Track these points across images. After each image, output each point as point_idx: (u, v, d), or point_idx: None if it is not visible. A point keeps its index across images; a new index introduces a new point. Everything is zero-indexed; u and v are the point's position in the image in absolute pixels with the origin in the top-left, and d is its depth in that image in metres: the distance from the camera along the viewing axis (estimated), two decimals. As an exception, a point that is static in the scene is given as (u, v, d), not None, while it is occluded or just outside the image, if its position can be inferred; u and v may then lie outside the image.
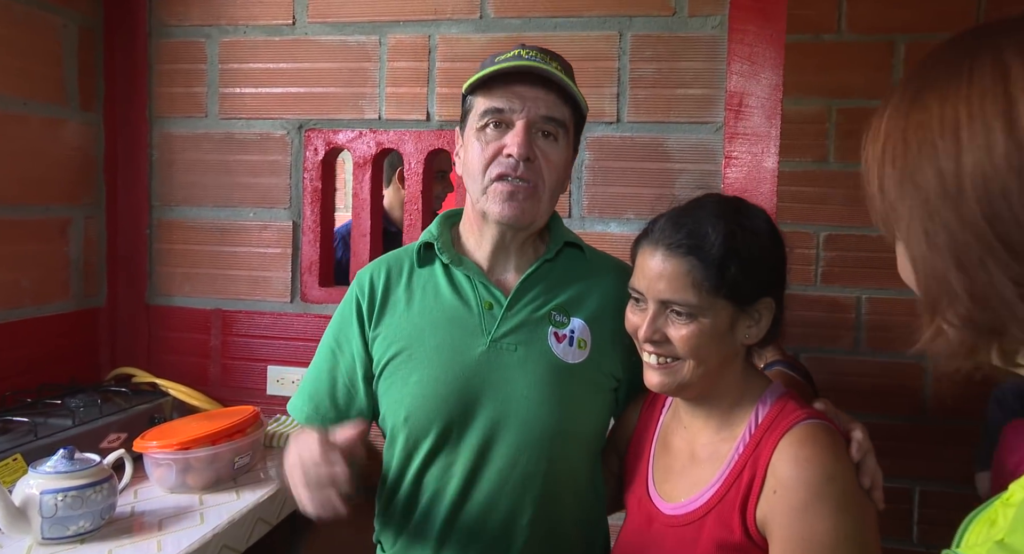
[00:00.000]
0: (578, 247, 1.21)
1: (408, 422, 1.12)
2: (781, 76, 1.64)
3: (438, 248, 1.16)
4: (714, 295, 0.94)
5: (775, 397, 0.99)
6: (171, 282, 1.97)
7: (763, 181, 1.65)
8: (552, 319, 1.13)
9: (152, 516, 1.36)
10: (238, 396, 1.91)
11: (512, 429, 1.09)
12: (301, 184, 1.89)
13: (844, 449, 0.93)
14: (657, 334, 0.97)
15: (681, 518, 0.99)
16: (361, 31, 1.84)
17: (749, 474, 0.93)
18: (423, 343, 1.13)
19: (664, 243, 0.97)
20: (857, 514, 0.89)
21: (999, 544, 0.52)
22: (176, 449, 1.44)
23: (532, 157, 1.08)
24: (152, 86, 1.95)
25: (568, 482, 1.13)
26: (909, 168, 0.55)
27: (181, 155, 1.95)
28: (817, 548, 0.86)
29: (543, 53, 1.12)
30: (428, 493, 1.13)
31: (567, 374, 1.11)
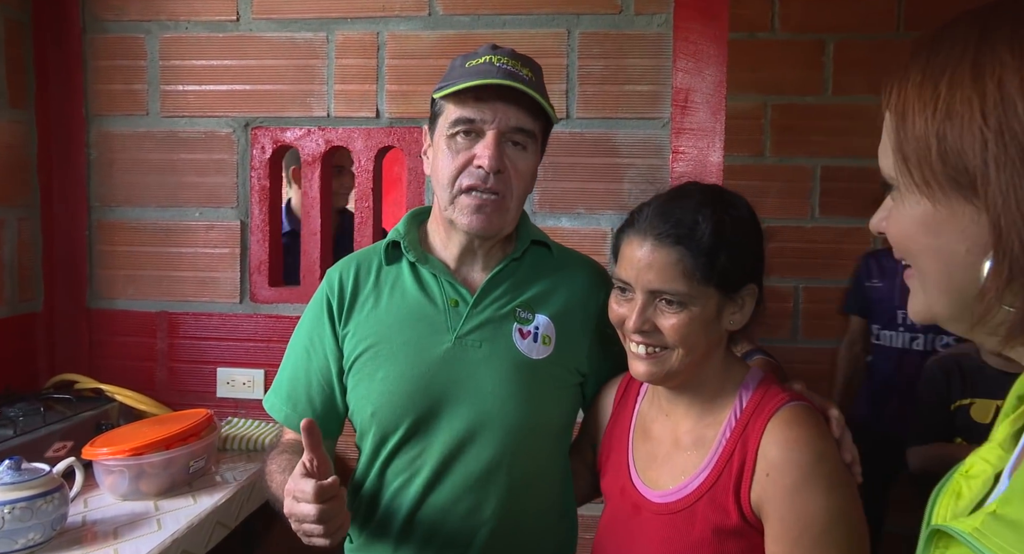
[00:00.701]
0: (545, 245, 1.22)
1: (375, 417, 1.14)
2: (724, 73, 1.70)
3: (404, 246, 1.17)
4: (704, 284, 0.95)
5: (757, 382, 1.01)
6: (113, 285, 1.91)
7: (709, 175, 1.71)
8: (517, 316, 1.15)
9: (106, 525, 1.33)
10: (187, 400, 1.86)
11: (477, 424, 1.11)
12: (248, 183, 1.86)
13: (826, 428, 0.96)
14: (647, 324, 0.97)
15: (672, 505, 0.99)
16: (308, 28, 1.82)
17: (739, 458, 0.94)
18: (390, 340, 1.14)
19: (653, 233, 0.97)
20: (846, 490, 0.92)
21: (992, 516, 0.53)
22: (129, 455, 1.40)
23: (502, 169, 1.08)
24: (88, 83, 1.89)
25: (533, 476, 1.15)
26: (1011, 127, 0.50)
27: (121, 154, 1.89)
28: (814, 525, 0.89)
29: (514, 59, 1.11)
30: (395, 485, 1.15)
31: (531, 370, 1.13)
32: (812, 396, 1.02)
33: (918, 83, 0.56)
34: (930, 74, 0.55)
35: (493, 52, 1.11)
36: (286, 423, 1.21)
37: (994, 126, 0.51)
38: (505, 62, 1.09)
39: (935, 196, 0.55)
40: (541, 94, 1.10)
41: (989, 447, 0.66)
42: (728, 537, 0.94)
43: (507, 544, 1.14)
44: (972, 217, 0.53)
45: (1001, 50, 0.52)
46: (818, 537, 0.89)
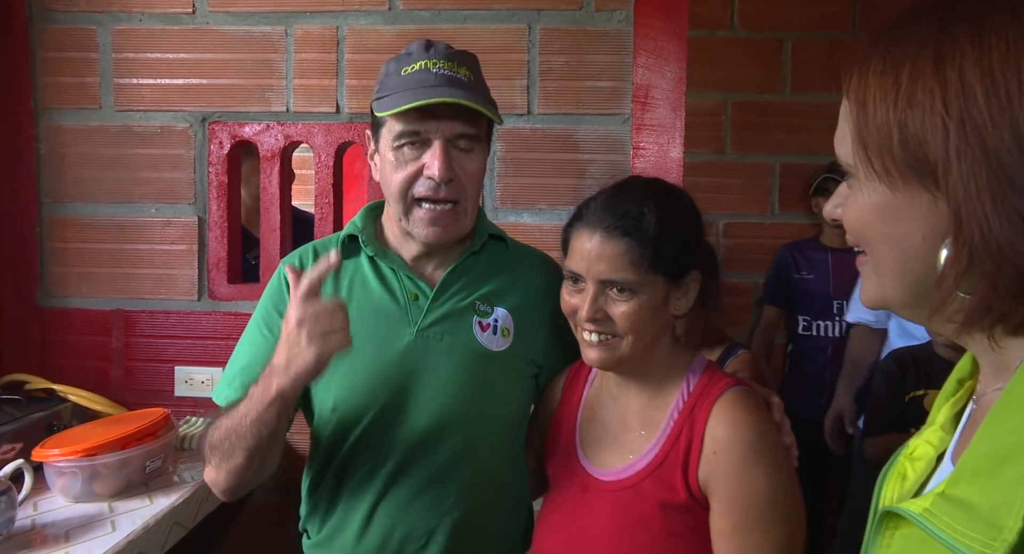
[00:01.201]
0: (501, 240, 1.24)
1: (336, 411, 1.13)
2: (684, 69, 1.71)
3: (362, 241, 1.17)
4: (651, 272, 0.99)
5: (703, 367, 1.07)
6: (66, 283, 1.86)
7: (670, 171, 1.72)
8: (476, 309, 1.16)
9: (56, 528, 1.29)
10: (144, 399, 1.82)
11: (439, 415, 1.12)
12: (206, 178, 1.83)
13: (767, 412, 1.02)
14: (599, 313, 1.01)
15: (620, 483, 1.03)
16: (266, 21, 1.80)
17: (687, 438, 0.99)
18: (352, 334, 1.12)
19: (601, 226, 1.00)
20: (787, 469, 0.98)
21: (942, 496, 0.55)
22: (81, 456, 1.37)
23: (453, 177, 1.09)
24: (36, 75, 1.84)
25: (492, 465, 1.17)
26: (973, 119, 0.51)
27: (73, 149, 1.84)
28: (759, 501, 0.95)
29: (450, 60, 1.10)
30: (356, 479, 1.15)
31: (491, 361, 1.14)
32: (754, 384, 1.08)
33: (879, 72, 0.56)
34: (891, 63, 0.56)
35: (427, 54, 1.10)
36: None
37: (956, 116, 0.52)
38: (442, 66, 1.08)
39: (894, 184, 0.56)
40: (481, 93, 1.10)
41: (932, 430, 0.68)
42: (675, 512, 0.99)
43: (468, 534, 1.15)
44: (930, 205, 0.54)
45: (962, 41, 0.52)
46: (763, 512, 0.95)
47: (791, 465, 1.00)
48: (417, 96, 1.05)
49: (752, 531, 0.95)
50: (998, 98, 0.50)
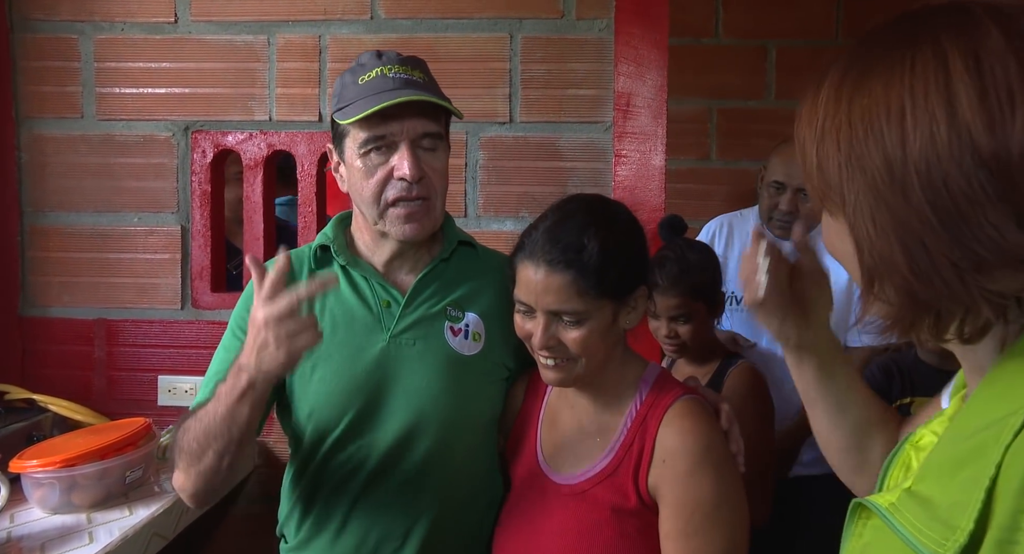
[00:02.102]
0: (471, 245, 1.26)
1: (312, 417, 1.15)
2: (665, 77, 1.72)
3: (334, 250, 1.19)
4: (598, 298, 1.03)
5: (655, 376, 1.11)
6: (47, 292, 1.85)
7: (652, 178, 1.73)
8: (448, 314, 1.18)
9: (32, 540, 1.29)
10: (127, 409, 1.81)
11: (414, 420, 1.14)
12: (189, 187, 1.83)
13: (716, 421, 1.07)
14: (552, 340, 1.04)
15: (575, 487, 1.07)
16: (248, 31, 1.80)
17: (638, 446, 1.04)
18: (325, 342, 1.12)
19: (545, 259, 1.02)
20: (731, 476, 1.03)
21: (907, 492, 0.57)
22: (60, 466, 1.36)
23: (423, 175, 1.11)
24: (17, 84, 1.83)
25: (466, 467, 1.18)
26: (856, 152, 0.56)
27: (54, 158, 1.84)
28: (703, 506, 0.99)
29: (403, 64, 1.13)
30: (332, 483, 1.16)
31: (463, 365, 1.17)
32: (706, 391, 1.13)
33: (810, 104, 0.62)
34: (815, 97, 0.61)
35: (380, 62, 1.13)
36: None
37: (844, 150, 0.57)
38: (397, 70, 1.11)
39: (829, 208, 0.62)
40: (437, 92, 1.13)
41: (939, 420, 0.69)
42: (626, 517, 1.03)
43: (442, 535, 1.16)
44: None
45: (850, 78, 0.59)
46: (706, 516, 0.99)
47: (735, 471, 1.04)
48: (380, 100, 1.07)
49: (696, 534, 0.99)
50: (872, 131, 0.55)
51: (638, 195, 1.74)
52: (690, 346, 1.64)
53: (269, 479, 1.80)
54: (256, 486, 1.80)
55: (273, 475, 1.80)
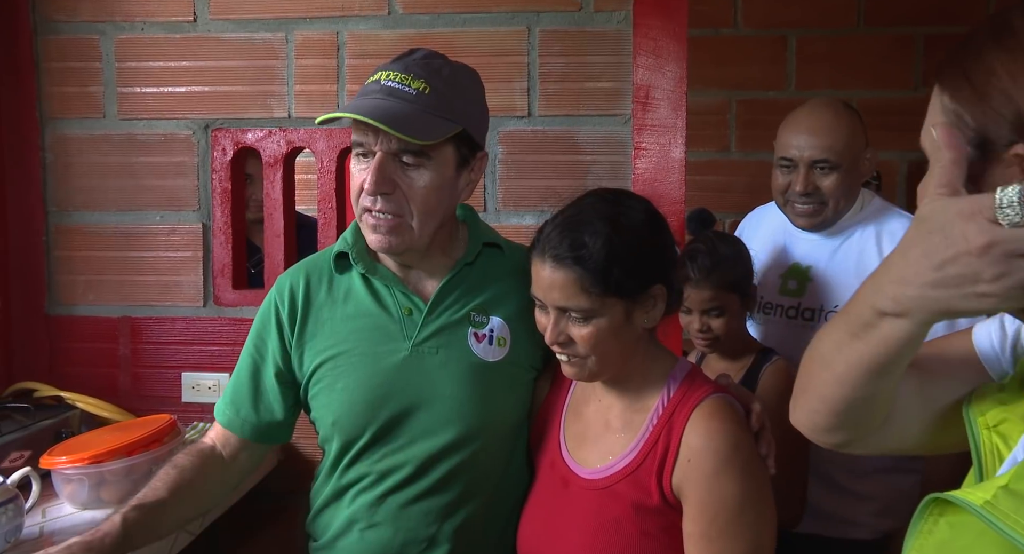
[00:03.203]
0: (497, 246, 1.23)
1: (336, 426, 1.16)
2: (685, 69, 1.71)
3: (353, 258, 1.18)
4: (605, 295, 1.02)
5: (684, 373, 1.09)
6: (73, 291, 1.88)
7: (672, 171, 1.72)
8: (472, 320, 1.17)
9: (64, 535, 1.30)
10: (152, 405, 1.83)
11: (438, 429, 1.13)
12: (209, 185, 1.84)
13: (745, 421, 1.05)
14: (562, 336, 1.05)
15: (598, 481, 1.07)
16: (266, 28, 1.80)
17: (664, 444, 1.03)
18: (347, 351, 1.15)
19: (551, 254, 1.03)
20: (758, 478, 1.01)
21: (1005, 490, 0.55)
22: (88, 463, 1.38)
23: (389, 190, 1.07)
24: (41, 85, 1.85)
25: (493, 470, 1.18)
26: None
27: (78, 158, 1.86)
28: (727, 508, 0.98)
29: (408, 72, 1.08)
30: (358, 488, 1.17)
31: (488, 372, 1.15)
32: (738, 389, 1.10)
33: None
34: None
35: (393, 65, 1.10)
36: (228, 427, 1.22)
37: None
38: (393, 78, 1.07)
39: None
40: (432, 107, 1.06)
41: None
42: (649, 515, 1.02)
43: (468, 537, 1.17)
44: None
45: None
46: (730, 519, 0.98)
47: (764, 474, 1.03)
48: (351, 107, 1.06)
49: (720, 537, 0.98)
50: None
51: (658, 188, 1.72)
52: (723, 340, 1.63)
53: (292, 475, 1.81)
54: (280, 481, 1.81)
55: (296, 470, 1.81)
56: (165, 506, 1.12)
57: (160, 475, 1.16)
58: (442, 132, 1.07)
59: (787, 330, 1.67)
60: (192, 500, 1.18)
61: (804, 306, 1.66)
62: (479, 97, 1.18)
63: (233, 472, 1.24)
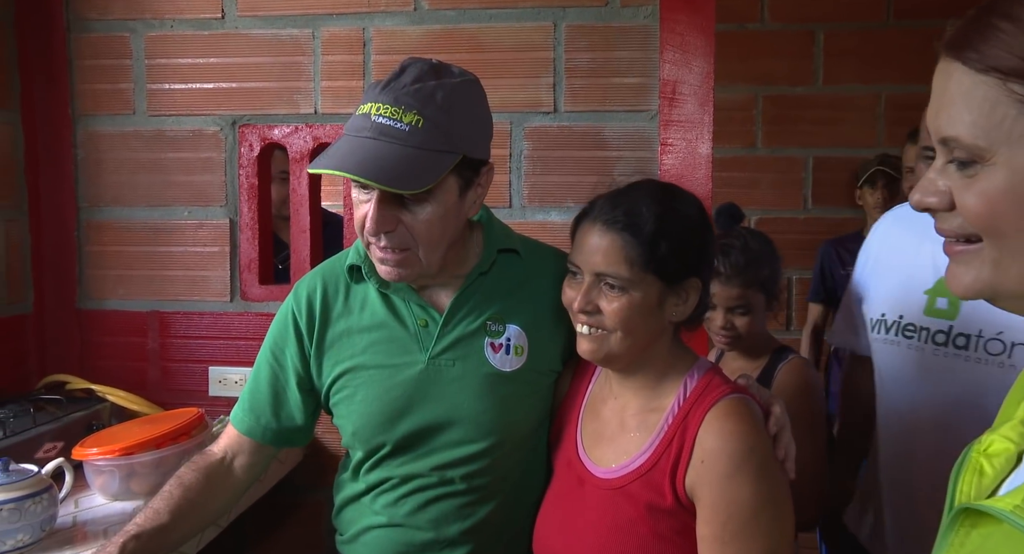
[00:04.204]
0: (513, 251, 1.20)
1: (356, 437, 1.17)
2: (712, 64, 1.69)
3: (365, 272, 1.16)
4: (644, 270, 1.01)
5: (702, 372, 1.07)
6: (103, 285, 1.90)
7: (698, 167, 1.70)
8: (487, 330, 1.15)
9: (96, 525, 1.33)
10: (179, 399, 1.86)
11: (457, 439, 1.13)
12: (237, 181, 1.85)
13: (763, 423, 1.02)
14: (590, 305, 1.03)
15: (613, 481, 1.05)
16: (293, 24, 1.81)
17: (678, 444, 1.01)
18: (364, 363, 1.15)
19: (602, 219, 1.03)
20: (774, 481, 0.98)
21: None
22: (119, 454, 1.40)
23: (391, 228, 1.03)
24: (74, 82, 1.88)
25: (512, 474, 1.18)
26: None
27: (109, 154, 1.88)
28: (741, 512, 0.96)
29: (398, 104, 0.99)
30: (381, 489, 1.19)
31: (505, 382, 1.14)
32: (759, 390, 1.07)
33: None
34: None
35: (381, 96, 1.01)
36: (248, 434, 1.23)
37: None
38: (384, 113, 0.99)
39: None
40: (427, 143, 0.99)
41: (1010, 425, 0.65)
42: (662, 516, 1.01)
43: (487, 539, 1.17)
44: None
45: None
46: (744, 523, 0.96)
47: (779, 477, 1.00)
48: (336, 154, 1.00)
49: (733, 540, 0.96)
50: None
51: (685, 184, 1.71)
52: (744, 339, 1.61)
53: (318, 469, 1.82)
54: (305, 476, 1.82)
55: (321, 465, 1.83)
56: (166, 531, 1.12)
57: (164, 494, 1.15)
58: (438, 171, 1.01)
59: (932, 360, 1.32)
60: (195, 519, 1.18)
61: (957, 331, 1.29)
62: (479, 111, 1.09)
63: (241, 482, 1.24)
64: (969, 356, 1.25)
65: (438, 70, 1.05)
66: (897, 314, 1.37)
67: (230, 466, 1.23)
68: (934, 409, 1.29)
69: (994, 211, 0.57)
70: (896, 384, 1.37)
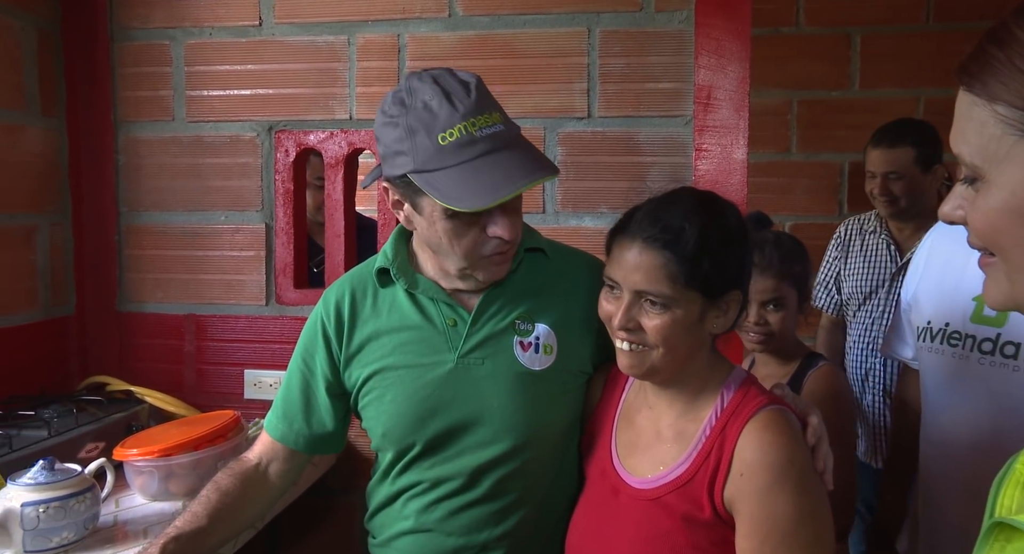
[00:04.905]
0: (540, 250, 1.21)
1: (387, 437, 1.17)
2: (748, 69, 1.68)
3: (394, 274, 1.17)
4: (687, 287, 0.98)
5: (739, 383, 1.05)
6: (142, 288, 1.94)
7: (733, 172, 1.69)
8: (516, 328, 1.15)
9: (136, 524, 1.35)
10: (215, 401, 1.88)
11: (487, 439, 1.13)
12: (273, 186, 1.88)
13: (801, 434, 1.00)
14: (631, 322, 1.01)
15: (649, 492, 1.04)
16: (329, 31, 1.84)
17: (716, 456, 0.99)
18: (393, 364, 1.16)
19: (641, 236, 1.00)
20: (814, 494, 0.97)
21: None
22: (158, 456, 1.42)
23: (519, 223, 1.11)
24: (116, 90, 1.92)
25: (543, 477, 1.18)
26: None
27: (148, 159, 1.92)
28: (780, 525, 0.94)
29: (481, 111, 1.01)
30: (412, 492, 1.19)
31: (535, 381, 1.14)
32: (795, 400, 1.06)
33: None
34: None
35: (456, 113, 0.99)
36: (282, 440, 1.24)
37: None
38: (482, 124, 1.00)
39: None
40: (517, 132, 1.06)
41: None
42: (700, 528, 0.99)
43: (520, 543, 1.17)
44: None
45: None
46: (784, 536, 0.94)
47: (820, 489, 0.98)
48: (485, 189, 0.99)
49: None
50: None
51: (719, 190, 1.68)
52: (776, 338, 1.59)
53: (351, 472, 1.84)
54: (339, 479, 1.84)
55: (355, 468, 1.84)
56: (203, 534, 1.14)
57: (202, 498, 1.17)
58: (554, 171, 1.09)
59: (977, 368, 1.24)
60: (231, 523, 1.20)
61: (1005, 339, 1.22)
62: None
63: (275, 488, 1.26)
64: (1018, 365, 1.18)
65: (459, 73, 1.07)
66: (943, 321, 1.31)
67: (265, 472, 1.25)
68: (978, 419, 1.23)
69: (992, 227, 0.59)
70: (939, 393, 1.32)
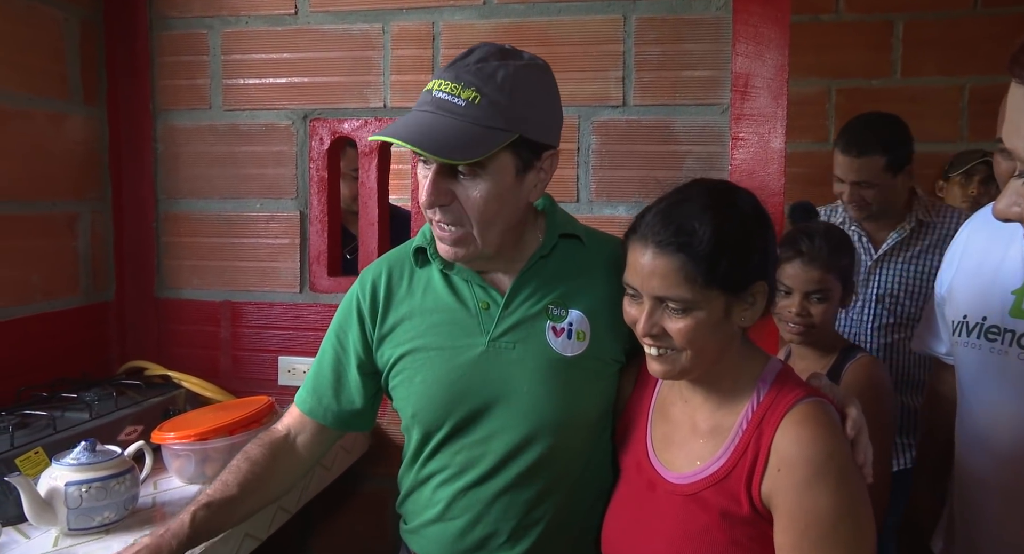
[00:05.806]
0: (575, 236, 1.20)
1: (416, 418, 1.17)
2: (786, 57, 1.64)
3: (431, 254, 1.17)
4: (707, 288, 0.96)
5: (775, 375, 1.03)
6: (179, 275, 1.97)
7: (771, 162, 1.66)
8: (549, 313, 1.14)
9: (173, 506, 1.37)
10: (250, 387, 1.91)
11: (516, 425, 1.12)
12: (307, 174, 1.89)
13: (840, 427, 0.98)
14: (655, 328, 0.99)
15: (687, 487, 1.02)
16: (364, 19, 1.84)
17: (753, 451, 0.98)
18: (425, 345, 1.16)
19: (654, 240, 0.98)
20: (854, 488, 0.94)
21: None
22: (195, 440, 1.45)
23: (446, 202, 1.06)
24: (155, 79, 1.94)
25: (574, 465, 1.17)
26: None
27: (186, 148, 1.94)
28: (820, 521, 0.92)
29: (458, 81, 1.03)
30: (439, 480, 1.19)
31: (567, 367, 1.13)
32: (833, 391, 1.03)
33: None
34: None
35: (444, 73, 1.05)
36: (310, 415, 1.25)
37: None
38: (444, 88, 1.03)
39: None
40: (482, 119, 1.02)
41: None
42: (738, 523, 0.98)
43: (550, 531, 1.16)
44: None
45: None
46: (824, 532, 0.92)
47: (860, 483, 0.96)
48: (396, 125, 1.05)
49: (813, 550, 0.92)
50: None
51: (756, 179, 1.67)
52: (816, 330, 1.56)
53: (381, 459, 1.85)
54: (369, 466, 1.85)
55: (386, 454, 1.86)
56: (234, 503, 1.14)
57: (232, 468, 1.18)
58: (490, 145, 1.02)
59: (1017, 364, 1.19)
60: (261, 494, 1.20)
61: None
62: (543, 96, 1.10)
63: (304, 460, 1.26)
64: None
65: (505, 53, 1.08)
66: (980, 315, 1.27)
67: (294, 443, 1.25)
68: (1018, 417, 1.19)
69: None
70: (976, 389, 1.28)
